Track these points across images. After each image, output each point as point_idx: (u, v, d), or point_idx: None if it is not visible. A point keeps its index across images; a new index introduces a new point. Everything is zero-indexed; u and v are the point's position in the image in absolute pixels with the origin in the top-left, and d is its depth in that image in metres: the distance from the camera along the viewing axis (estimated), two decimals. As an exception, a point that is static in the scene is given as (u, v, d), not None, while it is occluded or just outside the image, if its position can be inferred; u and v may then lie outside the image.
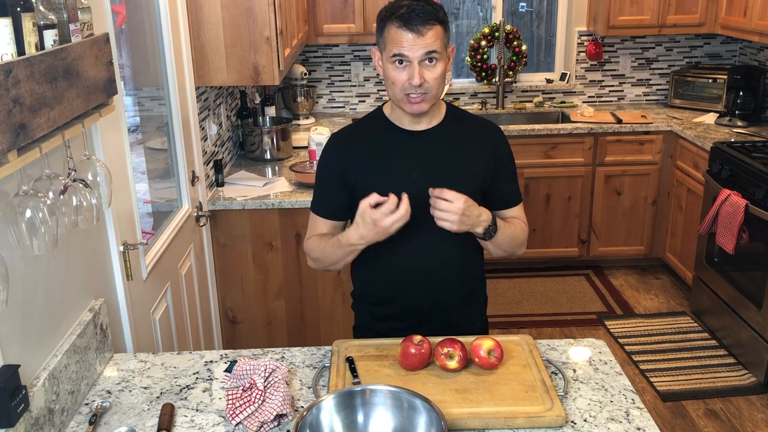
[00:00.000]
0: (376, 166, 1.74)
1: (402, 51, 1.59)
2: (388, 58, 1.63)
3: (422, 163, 1.73)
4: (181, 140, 2.65)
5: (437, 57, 1.61)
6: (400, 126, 1.75)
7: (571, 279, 4.45)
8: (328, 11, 4.12)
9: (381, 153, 1.75)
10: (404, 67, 1.61)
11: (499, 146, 1.81)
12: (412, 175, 1.72)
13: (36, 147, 1.32)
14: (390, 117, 1.77)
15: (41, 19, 1.33)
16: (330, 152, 1.81)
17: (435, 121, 1.76)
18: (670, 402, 3.20)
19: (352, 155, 1.77)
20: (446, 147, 1.75)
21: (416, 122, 1.74)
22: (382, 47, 1.66)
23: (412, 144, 1.74)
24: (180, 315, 2.55)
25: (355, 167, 1.75)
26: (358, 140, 1.80)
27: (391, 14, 1.61)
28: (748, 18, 3.88)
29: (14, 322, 1.38)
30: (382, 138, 1.76)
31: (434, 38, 1.59)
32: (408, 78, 1.60)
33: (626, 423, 1.46)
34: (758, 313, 3.28)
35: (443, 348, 1.58)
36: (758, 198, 3.24)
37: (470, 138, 1.79)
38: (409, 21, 1.57)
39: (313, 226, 1.85)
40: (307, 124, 4.35)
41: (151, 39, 2.55)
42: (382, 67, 1.69)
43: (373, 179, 1.73)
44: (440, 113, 1.78)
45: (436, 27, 1.60)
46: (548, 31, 4.93)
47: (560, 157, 4.26)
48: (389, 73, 1.64)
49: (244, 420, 1.46)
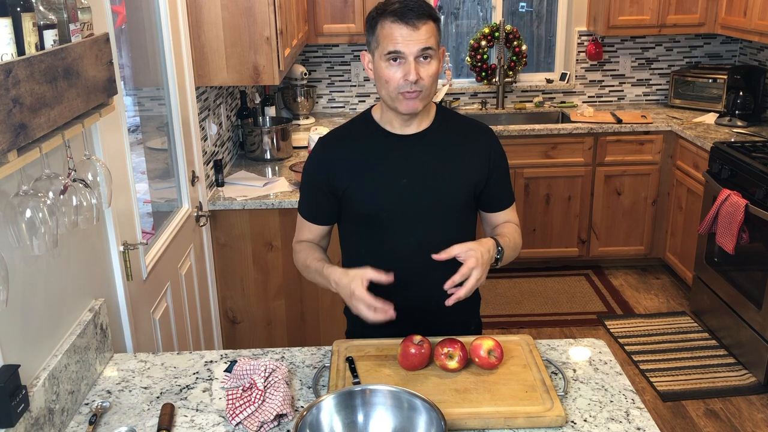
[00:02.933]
0: (364, 172, 1.71)
1: (397, 47, 1.56)
2: (381, 56, 1.59)
3: (412, 168, 1.70)
4: (181, 140, 2.65)
5: (432, 54, 1.59)
6: (390, 130, 1.72)
7: (571, 279, 4.45)
8: (328, 11, 4.12)
9: (370, 158, 1.71)
10: (399, 64, 1.58)
11: (492, 148, 1.78)
12: (402, 181, 1.69)
13: (36, 147, 1.32)
14: (380, 121, 1.73)
15: (41, 19, 1.33)
16: (317, 158, 1.77)
17: (425, 124, 1.73)
18: (670, 402, 3.20)
19: (340, 161, 1.72)
20: (437, 150, 1.72)
21: (406, 125, 1.71)
22: (374, 46, 1.62)
23: (401, 148, 1.71)
24: (180, 315, 2.55)
25: (342, 174, 1.71)
26: (346, 145, 1.75)
27: (384, 11, 1.59)
28: (748, 18, 3.88)
29: (14, 322, 1.38)
30: (370, 142, 1.73)
31: (429, 34, 1.57)
32: (403, 75, 1.57)
33: (626, 423, 1.46)
34: (758, 313, 3.28)
35: (443, 348, 1.58)
36: (758, 198, 3.24)
37: (462, 140, 1.76)
38: (404, 15, 1.55)
39: (301, 227, 1.84)
40: (307, 124, 4.35)
41: (151, 39, 2.55)
42: (373, 69, 1.65)
43: (362, 186, 1.70)
44: (430, 116, 1.74)
45: (429, 23, 1.58)
46: (548, 31, 4.93)
47: (560, 157, 4.26)
48: (382, 72, 1.60)
49: (244, 420, 1.46)
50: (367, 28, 1.65)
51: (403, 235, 1.72)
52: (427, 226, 1.72)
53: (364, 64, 1.69)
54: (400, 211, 1.71)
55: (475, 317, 1.95)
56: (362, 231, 1.77)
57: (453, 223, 1.75)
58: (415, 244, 1.70)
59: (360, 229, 1.77)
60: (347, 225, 1.81)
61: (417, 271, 1.71)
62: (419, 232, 1.71)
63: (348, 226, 1.81)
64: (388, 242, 1.73)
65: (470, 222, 1.81)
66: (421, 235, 1.69)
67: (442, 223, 1.73)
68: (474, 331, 1.92)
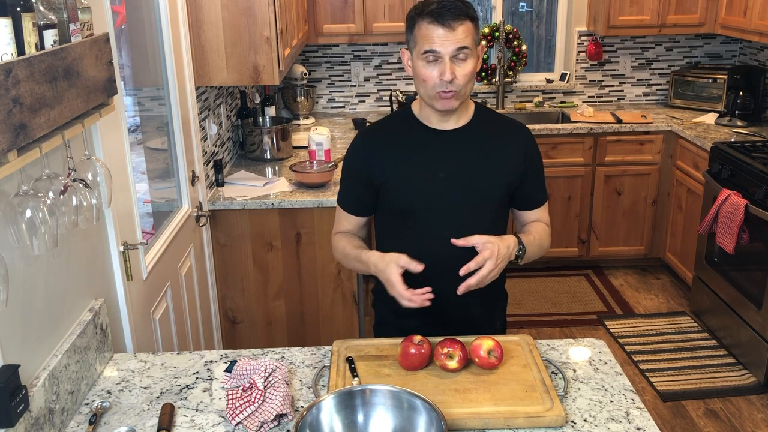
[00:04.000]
0: (402, 166, 1.75)
1: (433, 47, 1.59)
2: (418, 55, 1.63)
3: (449, 162, 1.74)
4: (181, 140, 2.65)
5: (468, 53, 1.62)
6: (428, 125, 1.76)
7: (571, 279, 4.45)
8: (328, 11, 4.13)
9: (408, 152, 1.75)
10: (435, 63, 1.61)
11: (528, 146, 1.81)
12: (439, 175, 1.73)
13: (36, 147, 1.31)
14: (419, 116, 1.78)
15: (41, 19, 1.33)
16: (357, 150, 1.82)
17: (463, 121, 1.76)
18: (670, 402, 3.20)
19: (379, 154, 1.77)
20: (474, 147, 1.75)
21: (444, 121, 1.75)
22: (412, 45, 1.66)
23: (439, 143, 1.75)
24: (180, 315, 2.55)
25: (381, 166, 1.76)
26: (386, 139, 1.80)
27: (422, 11, 1.62)
28: (748, 18, 3.88)
29: (14, 322, 1.38)
30: (409, 137, 1.77)
31: (465, 34, 1.60)
32: (439, 74, 1.61)
33: (626, 423, 1.46)
34: (758, 313, 3.28)
35: (443, 348, 1.58)
36: (758, 198, 3.24)
37: (499, 138, 1.79)
38: (441, 16, 1.58)
39: (339, 219, 1.89)
40: (307, 124, 4.35)
41: (151, 39, 2.55)
42: (411, 66, 1.69)
43: (400, 179, 1.74)
44: (468, 113, 1.78)
45: (467, 23, 1.60)
46: (548, 31, 4.93)
47: (560, 157, 4.26)
48: (420, 70, 1.64)
49: (244, 420, 1.46)
50: (406, 26, 1.69)
51: (437, 228, 1.74)
52: (461, 221, 1.74)
53: (404, 61, 1.73)
54: (436, 205, 1.74)
55: (500, 313, 1.97)
56: (397, 223, 1.80)
57: (486, 219, 1.77)
58: (447, 238, 1.71)
59: (395, 220, 1.80)
60: (383, 217, 1.85)
61: (447, 264, 1.71)
62: (453, 226, 1.72)
63: (384, 218, 1.85)
64: (422, 235, 1.76)
65: (503, 219, 1.83)
66: (455, 230, 1.70)
67: (476, 219, 1.75)
68: (499, 327, 1.95)
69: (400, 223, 1.79)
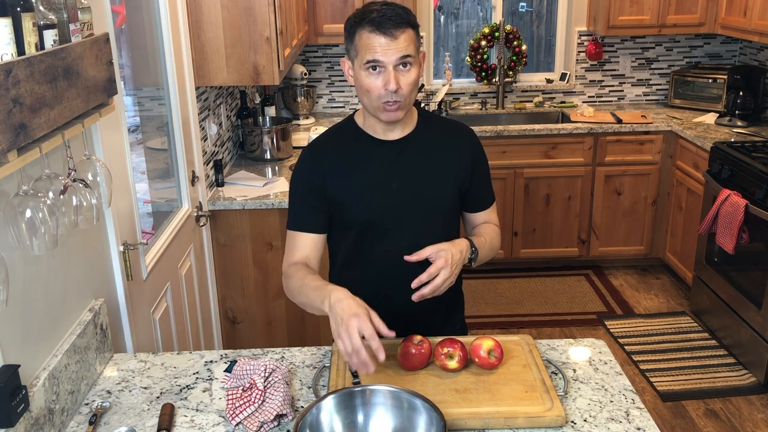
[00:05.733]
0: (354, 178, 1.71)
1: (376, 56, 1.55)
2: (361, 65, 1.58)
3: (401, 172, 1.71)
4: (181, 140, 2.65)
5: (411, 62, 1.58)
6: (375, 136, 1.72)
7: (571, 279, 4.45)
8: (328, 11, 4.12)
9: (357, 164, 1.71)
10: (378, 73, 1.57)
11: (474, 149, 1.80)
12: (391, 186, 1.70)
13: (36, 147, 1.32)
14: (363, 127, 1.73)
15: (41, 19, 1.33)
16: (308, 165, 1.74)
17: (408, 129, 1.73)
18: (670, 402, 3.20)
19: (330, 166, 1.71)
20: (422, 154, 1.73)
21: (390, 131, 1.71)
22: (353, 55, 1.61)
23: (388, 154, 1.71)
24: (180, 315, 2.55)
25: (333, 179, 1.71)
26: (334, 151, 1.74)
27: (361, 19, 1.57)
28: (748, 18, 3.88)
29: (14, 322, 1.38)
30: (357, 149, 1.73)
31: (408, 42, 1.56)
32: (384, 84, 1.56)
33: (626, 423, 1.46)
34: (758, 313, 3.28)
35: (443, 348, 1.58)
36: (758, 198, 3.24)
37: (445, 142, 1.77)
38: (382, 25, 1.54)
39: (292, 246, 1.73)
40: (307, 124, 4.35)
41: (151, 39, 2.55)
42: (353, 76, 1.64)
43: (353, 191, 1.70)
44: (413, 120, 1.75)
45: (408, 31, 1.57)
46: (548, 31, 4.93)
47: (560, 157, 4.26)
48: (363, 81, 1.59)
49: (244, 420, 1.46)
50: (345, 35, 1.64)
51: (393, 238, 1.72)
52: (416, 230, 1.73)
53: (345, 71, 1.68)
54: (392, 216, 1.71)
55: (459, 316, 1.96)
56: (353, 236, 1.76)
57: (441, 225, 1.76)
58: (405, 246, 1.68)
59: (350, 234, 1.76)
60: (337, 231, 1.78)
61: (404, 273, 1.67)
62: (409, 235, 1.71)
63: (338, 233, 1.79)
64: (378, 246, 1.73)
65: (455, 223, 1.82)
66: (411, 238, 1.69)
67: (431, 226, 1.74)
68: (459, 330, 1.94)
69: (355, 237, 1.75)
